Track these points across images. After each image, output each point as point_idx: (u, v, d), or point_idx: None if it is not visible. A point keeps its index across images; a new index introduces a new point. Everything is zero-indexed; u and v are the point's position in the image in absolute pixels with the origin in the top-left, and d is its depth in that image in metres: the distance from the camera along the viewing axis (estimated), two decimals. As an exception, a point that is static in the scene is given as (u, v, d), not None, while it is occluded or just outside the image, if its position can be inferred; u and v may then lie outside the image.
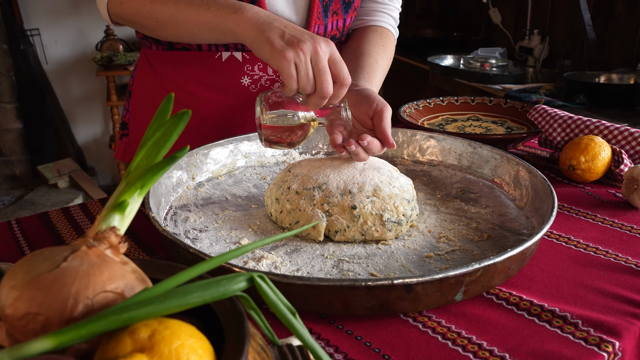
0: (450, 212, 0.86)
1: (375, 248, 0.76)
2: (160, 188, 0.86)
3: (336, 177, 0.80)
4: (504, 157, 0.93)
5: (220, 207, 0.88)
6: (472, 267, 0.60)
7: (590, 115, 1.94)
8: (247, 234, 0.80)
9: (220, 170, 0.99)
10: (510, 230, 0.80)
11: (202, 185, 0.95)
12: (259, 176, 1.00)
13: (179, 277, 0.41)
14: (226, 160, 1.00)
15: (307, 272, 0.70)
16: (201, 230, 0.81)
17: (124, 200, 0.45)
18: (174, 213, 0.86)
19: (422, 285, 0.59)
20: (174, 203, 0.88)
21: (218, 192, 0.93)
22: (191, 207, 0.88)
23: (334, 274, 0.70)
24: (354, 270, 0.70)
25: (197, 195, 0.92)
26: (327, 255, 0.74)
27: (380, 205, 0.77)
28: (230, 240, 0.78)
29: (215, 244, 0.77)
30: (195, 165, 0.96)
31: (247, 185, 0.96)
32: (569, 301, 0.65)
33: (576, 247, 0.77)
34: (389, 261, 0.73)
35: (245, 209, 0.88)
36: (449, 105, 1.34)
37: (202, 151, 0.97)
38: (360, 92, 0.86)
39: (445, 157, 1.02)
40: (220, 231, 0.81)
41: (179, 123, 0.46)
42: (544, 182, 0.81)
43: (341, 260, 0.73)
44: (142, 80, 1.16)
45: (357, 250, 0.76)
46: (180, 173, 0.93)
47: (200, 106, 1.10)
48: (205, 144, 0.98)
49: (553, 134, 1.07)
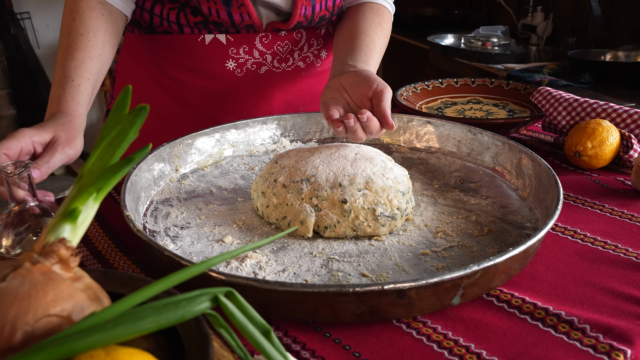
0: (449, 203, 0.81)
1: (368, 245, 0.71)
2: (140, 182, 0.81)
3: (325, 169, 0.75)
4: (505, 144, 0.88)
5: (205, 201, 0.83)
6: (470, 270, 0.55)
7: (595, 95, 1.88)
8: (232, 231, 0.75)
9: (206, 160, 0.94)
10: (512, 223, 0.74)
11: (186, 177, 0.90)
12: (247, 166, 0.94)
13: (137, 296, 0.36)
14: (212, 150, 0.95)
15: (293, 273, 0.65)
16: (182, 227, 0.76)
17: (75, 208, 0.40)
18: (155, 208, 0.81)
19: (415, 290, 0.54)
20: (155, 197, 0.83)
21: (203, 185, 0.88)
22: (173, 201, 0.83)
23: (323, 275, 0.65)
24: (344, 270, 0.66)
25: (180, 188, 0.86)
26: (316, 254, 0.69)
27: (373, 198, 0.72)
28: (213, 237, 0.73)
29: (196, 242, 0.72)
30: (178, 156, 0.90)
31: (234, 176, 0.91)
32: (575, 303, 0.60)
33: (583, 242, 0.72)
34: (381, 259, 0.68)
35: (231, 202, 0.83)
36: (448, 87, 1.28)
37: (186, 141, 0.92)
38: (358, 73, 0.81)
39: (443, 143, 0.97)
40: (203, 227, 0.76)
41: (136, 120, 0.40)
42: (548, 172, 0.76)
43: (331, 258, 0.68)
44: (125, 66, 1.11)
45: (348, 248, 0.71)
46: (163, 165, 0.87)
47: (184, 92, 1.04)
48: (191, 132, 0.92)
49: (558, 118, 1.01)
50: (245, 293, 0.55)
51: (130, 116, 0.40)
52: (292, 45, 1.03)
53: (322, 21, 1.01)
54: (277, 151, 1.00)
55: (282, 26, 0.98)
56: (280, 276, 0.64)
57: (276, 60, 1.02)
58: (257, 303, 0.56)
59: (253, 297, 0.55)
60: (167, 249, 0.59)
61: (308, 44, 1.05)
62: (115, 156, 0.41)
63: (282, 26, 0.98)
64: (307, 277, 0.64)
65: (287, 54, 1.03)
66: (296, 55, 1.05)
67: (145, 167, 0.83)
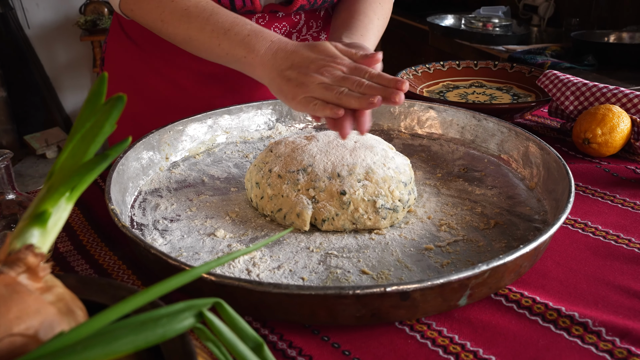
0: (452, 194, 0.77)
1: (368, 239, 0.67)
2: (128, 171, 0.76)
3: (323, 158, 0.71)
4: (512, 130, 0.84)
5: (196, 192, 0.79)
6: (478, 269, 0.51)
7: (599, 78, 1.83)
8: (224, 224, 0.71)
9: (198, 148, 0.90)
10: (520, 215, 0.71)
11: (177, 165, 0.86)
12: (241, 154, 0.90)
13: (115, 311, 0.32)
14: (204, 137, 0.91)
15: (289, 270, 0.61)
16: (172, 220, 0.72)
17: (44, 211, 0.36)
18: (144, 199, 0.77)
19: (420, 292, 0.51)
20: (144, 187, 0.79)
21: (194, 174, 0.84)
22: (163, 191, 0.79)
23: (320, 272, 0.61)
24: (342, 267, 0.62)
25: (170, 177, 0.82)
26: (313, 248, 0.66)
27: (374, 190, 0.68)
28: (204, 231, 0.70)
29: (187, 236, 0.69)
30: (168, 143, 0.86)
31: (227, 164, 0.87)
32: (589, 303, 0.56)
33: (594, 235, 0.68)
34: (382, 255, 0.64)
35: (224, 192, 0.79)
36: (450, 70, 1.24)
37: (177, 127, 0.87)
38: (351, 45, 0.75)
39: (446, 130, 0.92)
40: (194, 220, 0.72)
41: (112, 111, 0.36)
42: (558, 161, 0.72)
43: (329, 254, 0.64)
44: (115, 47, 1.06)
45: (348, 242, 0.67)
46: (152, 153, 0.83)
47: (176, 75, 1.00)
48: (183, 117, 0.88)
49: (565, 103, 0.97)
50: (237, 295, 0.52)
51: (106, 107, 0.36)
52: (291, 28, 0.98)
53: (324, 3, 0.96)
54: (273, 138, 0.96)
55: (282, 9, 0.93)
56: (275, 274, 0.61)
57: None
58: (251, 305, 0.52)
59: (246, 299, 0.52)
60: (153, 247, 0.56)
61: (307, 26, 1.00)
62: (89, 152, 0.36)
63: (283, 9, 0.93)
64: (303, 275, 0.60)
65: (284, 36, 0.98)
66: (294, 38, 1.00)
67: (133, 155, 0.79)
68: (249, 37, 0.75)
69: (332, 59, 0.68)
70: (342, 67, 0.68)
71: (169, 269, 0.55)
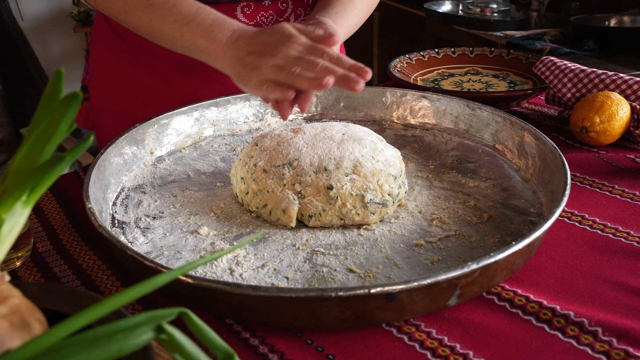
0: (445, 186, 0.74)
1: (357, 235, 0.65)
2: (110, 167, 0.74)
3: (310, 152, 0.68)
4: (507, 119, 0.81)
5: (180, 187, 0.76)
6: (468, 268, 0.49)
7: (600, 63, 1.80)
8: (208, 220, 0.69)
9: (184, 141, 0.87)
10: (515, 209, 0.68)
11: (162, 160, 0.83)
12: (229, 147, 0.88)
13: (73, 322, 0.30)
14: (190, 130, 0.88)
15: (273, 269, 0.59)
16: (155, 217, 0.70)
17: (-4, 216, 0.33)
18: (126, 196, 0.74)
19: (407, 292, 0.48)
20: (127, 183, 0.77)
21: (180, 168, 0.81)
22: (147, 187, 0.76)
23: (306, 270, 0.59)
24: (329, 265, 0.60)
25: (155, 172, 0.80)
26: (299, 246, 0.63)
27: (362, 184, 0.66)
28: (187, 228, 0.67)
29: (169, 234, 0.66)
30: (153, 137, 0.83)
31: (214, 158, 0.84)
32: (585, 301, 0.54)
33: (592, 228, 0.65)
34: (371, 252, 0.62)
35: (209, 187, 0.76)
36: (445, 58, 1.21)
37: (162, 121, 0.85)
38: (311, 23, 0.72)
39: (439, 119, 0.90)
40: (177, 217, 0.70)
41: (68, 110, 0.33)
42: (553, 152, 0.69)
43: (315, 251, 0.62)
44: (99, 37, 1.03)
45: (335, 238, 0.65)
46: (136, 148, 0.81)
47: (160, 67, 0.97)
48: (170, 109, 0.85)
49: (562, 90, 0.94)
50: (216, 297, 0.50)
51: (61, 105, 0.34)
52: (277, 16, 0.95)
53: None
54: (262, 130, 0.93)
55: None
56: (259, 273, 0.58)
57: None
58: (231, 308, 0.50)
59: (225, 301, 0.50)
60: (129, 248, 0.53)
61: (295, 14, 0.97)
62: (44, 153, 0.34)
63: None
64: (288, 274, 0.58)
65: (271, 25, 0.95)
66: None
67: (116, 151, 0.76)
68: (211, 27, 0.72)
69: (287, 39, 0.66)
70: (298, 46, 0.65)
71: (146, 270, 0.52)
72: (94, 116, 1.06)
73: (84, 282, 0.60)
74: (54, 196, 0.78)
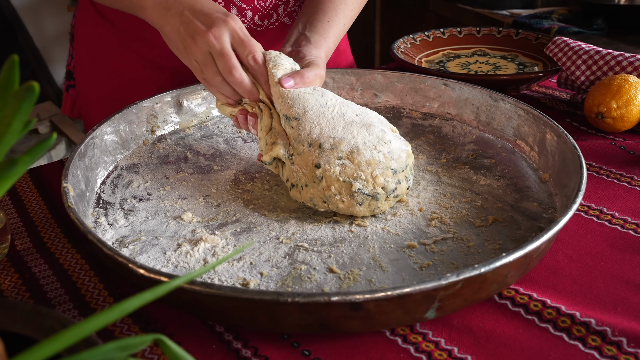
0: (454, 183, 0.68)
1: (347, 231, 0.60)
2: (103, 145, 0.71)
3: (314, 118, 0.63)
4: (529, 113, 0.73)
5: (175, 169, 0.73)
6: (445, 280, 0.44)
7: (610, 43, 1.73)
8: (195, 206, 0.65)
9: (190, 120, 0.83)
10: (525, 212, 0.62)
11: (164, 139, 0.79)
12: (234, 129, 0.83)
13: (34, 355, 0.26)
14: (197, 109, 0.84)
15: (249, 263, 0.55)
16: (142, 199, 0.66)
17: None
18: (118, 175, 0.71)
19: (374, 303, 0.44)
20: (122, 162, 0.74)
21: (179, 149, 0.78)
22: (141, 167, 0.73)
23: (283, 267, 0.55)
24: (309, 263, 0.55)
25: (152, 152, 0.76)
26: (283, 239, 0.59)
27: (353, 171, 0.61)
28: (171, 213, 0.64)
29: (151, 218, 0.63)
30: (155, 115, 0.80)
31: (217, 140, 0.80)
32: (607, 306, 0.49)
33: (611, 224, 0.61)
34: (358, 251, 0.57)
35: (205, 171, 0.73)
36: (450, 38, 1.15)
37: (166, 98, 0.81)
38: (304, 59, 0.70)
39: (460, 109, 0.82)
40: (165, 200, 0.66)
41: (22, 105, 0.29)
42: (574, 152, 0.62)
43: (299, 246, 0.58)
44: (84, 20, 0.97)
45: (323, 233, 0.60)
46: (136, 125, 0.77)
47: (152, 52, 0.91)
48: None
49: (576, 73, 0.89)
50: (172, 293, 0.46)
51: (14, 100, 0.29)
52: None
53: None
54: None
55: None
56: (234, 266, 0.55)
57: (257, 17, 0.88)
58: (188, 306, 0.47)
59: (181, 298, 0.46)
60: (91, 232, 0.51)
61: None
62: (-4, 154, 0.29)
63: None
64: (264, 269, 0.54)
65: (270, 10, 0.89)
66: (281, 11, 0.91)
67: (112, 127, 0.73)
68: None
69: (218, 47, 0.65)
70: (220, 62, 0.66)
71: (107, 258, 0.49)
72: (81, 104, 1.00)
73: (64, 284, 0.56)
74: (37, 188, 0.73)
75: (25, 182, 0.74)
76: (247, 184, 0.69)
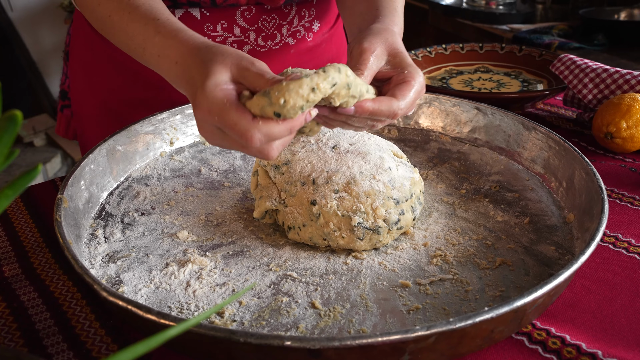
0: (468, 217, 0.64)
1: (341, 262, 0.57)
2: (116, 154, 0.70)
3: (304, 157, 0.61)
4: (561, 145, 0.67)
5: (186, 183, 0.71)
6: (414, 334, 0.40)
7: (610, 59, 1.72)
8: (194, 224, 0.63)
9: None
10: (538, 256, 0.57)
11: (182, 152, 0.78)
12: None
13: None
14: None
15: (231, 290, 0.53)
16: (144, 213, 0.65)
17: None
18: (128, 186, 0.70)
19: (334, 351, 0.41)
20: (134, 173, 0.72)
21: (194, 162, 0.76)
22: (152, 179, 0.72)
23: (264, 297, 0.52)
24: (293, 295, 0.53)
25: (167, 164, 0.75)
26: (273, 266, 0.57)
27: (351, 204, 0.58)
28: (168, 230, 0.62)
29: (148, 233, 0.62)
30: (175, 127, 0.78)
31: (235, 155, 0.78)
32: (630, 343, 0.47)
33: (628, 252, 0.58)
34: (347, 286, 0.54)
35: (215, 187, 0.71)
36: (453, 54, 1.13)
37: (187, 110, 0.79)
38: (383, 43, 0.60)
39: (492, 136, 0.77)
40: (166, 216, 0.65)
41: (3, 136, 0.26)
42: (598, 192, 0.57)
43: (287, 275, 0.55)
44: (79, 39, 0.94)
45: (316, 263, 0.57)
46: (152, 137, 0.75)
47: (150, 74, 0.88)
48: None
49: (583, 91, 0.87)
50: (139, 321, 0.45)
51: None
52: (280, 20, 0.86)
53: None
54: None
55: (268, 1, 0.82)
56: (215, 292, 0.53)
57: (261, 37, 0.86)
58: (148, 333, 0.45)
59: (144, 324, 0.45)
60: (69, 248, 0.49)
61: (299, 16, 0.88)
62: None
63: (269, 1, 0.82)
64: (244, 298, 0.52)
65: (273, 30, 0.86)
66: (284, 31, 0.88)
67: (128, 138, 0.72)
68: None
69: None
70: None
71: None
72: (77, 124, 0.97)
73: (54, 314, 0.53)
74: (27, 209, 0.70)
75: (16, 202, 0.71)
76: (253, 202, 0.67)
